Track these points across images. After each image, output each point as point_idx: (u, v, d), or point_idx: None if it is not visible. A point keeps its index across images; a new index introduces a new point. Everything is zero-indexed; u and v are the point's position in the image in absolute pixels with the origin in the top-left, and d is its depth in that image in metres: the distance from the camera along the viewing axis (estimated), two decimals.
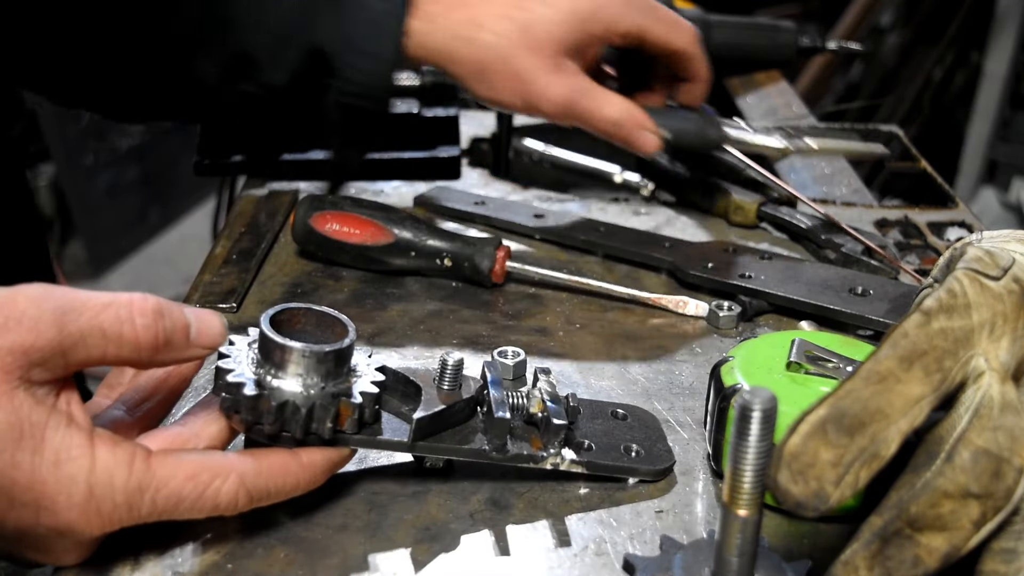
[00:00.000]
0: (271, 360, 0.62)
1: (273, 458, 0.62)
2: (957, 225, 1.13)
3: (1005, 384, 0.57)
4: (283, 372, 0.61)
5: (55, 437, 0.55)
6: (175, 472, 0.58)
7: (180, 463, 0.58)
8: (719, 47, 1.48)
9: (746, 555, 0.56)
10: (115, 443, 0.57)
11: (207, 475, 0.59)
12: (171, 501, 0.58)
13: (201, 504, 0.59)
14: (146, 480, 0.57)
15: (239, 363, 0.62)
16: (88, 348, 0.56)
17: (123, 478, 0.56)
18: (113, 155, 3.34)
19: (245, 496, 0.60)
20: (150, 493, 0.57)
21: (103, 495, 0.56)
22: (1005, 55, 3.30)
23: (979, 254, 0.60)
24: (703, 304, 0.91)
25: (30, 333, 0.55)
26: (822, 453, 0.53)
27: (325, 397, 0.62)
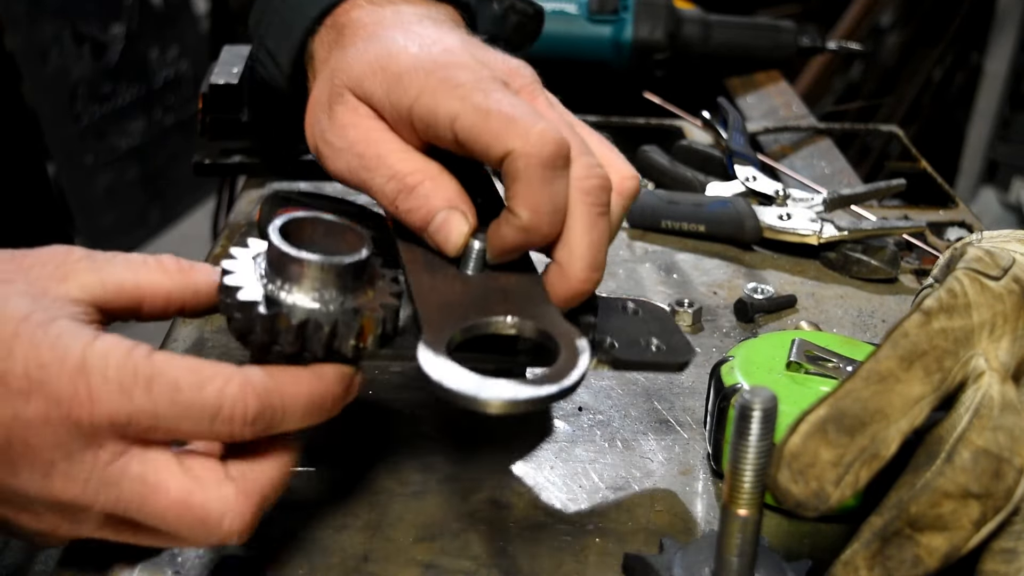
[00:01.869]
0: (284, 275, 0.56)
1: (281, 367, 0.57)
2: (957, 225, 1.13)
3: (1005, 384, 0.57)
4: (297, 287, 0.56)
5: (63, 325, 0.54)
6: (174, 363, 0.54)
7: (182, 359, 0.55)
8: (719, 47, 1.48)
9: (746, 555, 0.56)
10: (120, 337, 0.55)
11: (209, 370, 0.54)
12: (166, 390, 0.53)
13: (202, 401, 0.53)
14: (143, 365, 0.53)
15: (246, 279, 0.57)
16: (118, 271, 0.58)
17: (119, 357, 0.53)
18: (113, 155, 3.34)
19: (254, 401, 0.55)
20: (144, 379, 0.53)
21: (94, 368, 0.52)
22: (1005, 55, 3.30)
23: (979, 254, 0.60)
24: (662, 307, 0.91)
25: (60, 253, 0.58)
26: (822, 453, 0.53)
27: (347, 313, 0.57)
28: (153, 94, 3.51)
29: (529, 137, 0.60)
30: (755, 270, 1.01)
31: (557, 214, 0.62)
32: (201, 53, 3.55)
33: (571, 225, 0.63)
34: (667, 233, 1.06)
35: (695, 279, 0.99)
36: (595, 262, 0.64)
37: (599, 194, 0.63)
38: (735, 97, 1.52)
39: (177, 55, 3.60)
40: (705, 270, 1.00)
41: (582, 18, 1.44)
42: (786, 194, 1.05)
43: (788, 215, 1.02)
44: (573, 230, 0.63)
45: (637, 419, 0.77)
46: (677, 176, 1.13)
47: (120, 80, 3.34)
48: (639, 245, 1.05)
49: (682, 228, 1.05)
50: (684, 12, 1.47)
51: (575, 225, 0.63)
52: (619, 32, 1.44)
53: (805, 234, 1.01)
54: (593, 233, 0.63)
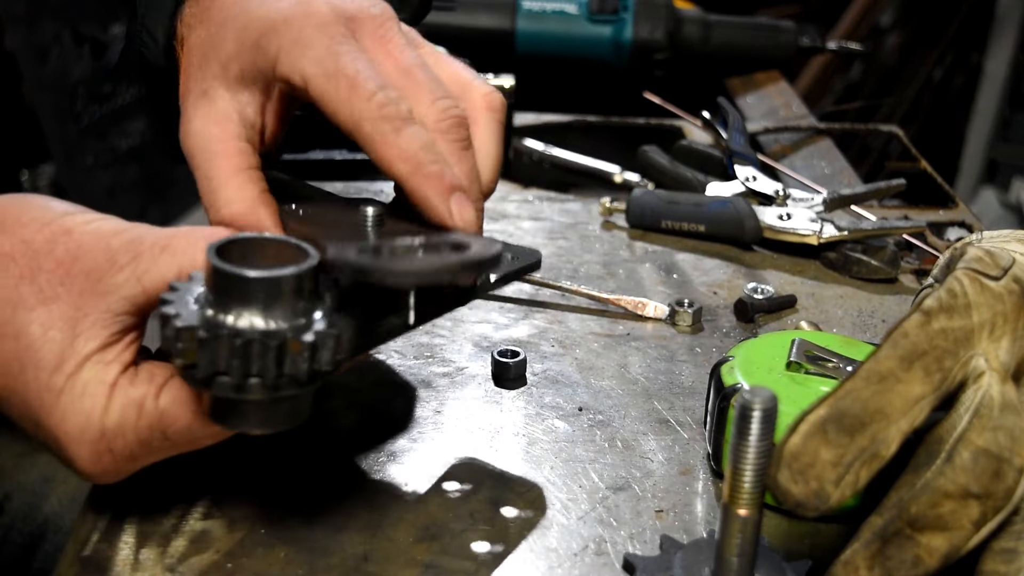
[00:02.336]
0: (225, 297, 0.53)
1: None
2: (957, 225, 1.13)
3: (1005, 384, 0.57)
4: (241, 308, 0.53)
5: (90, 372, 0.58)
6: (183, 411, 0.59)
7: (190, 401, 0.59)
8: (719, 47, 1.48)
9: (746, 555, 0.56)
10: (133, 383, 0.59)
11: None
12: (182, 435, 0.60)
13: (215, 439, 0.61)
14: (156, 423, 0.59)
15: (185, 307, 0.54)
16: (162, 271, 0.59)
17: (132, 420, 0.59)
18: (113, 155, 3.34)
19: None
20: (160, 433, 0.59)
21: (115, 434, 0.59)
22: (1005, 55, 3.30)
23: (979, 254, 0.60)
24: (662, 307, 0.91)
25: (105, 260, 0.59)
26: (822, 453, 0.53)
27: (296, 330, 0.54)
28: None
29: (371, 103, 0.63)
30: (755, 270, 1.01)
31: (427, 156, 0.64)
32: None
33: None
34: (667, 233, 1.06)
35: (695, 279, 0.99)
36: (469, 192, 0.66)
37: (457, 131, 0.66)
38: (735, 97, 1.52)
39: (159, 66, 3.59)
40: (705, 270, 1.00)
41: (582, 18, 1.44)
42: (786, 194, 1.05)
43: (788, 215, 1.02)
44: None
45: (637, 419, 0.77)
46: (677, 176, 1.13)
47: (120, 80, 3.34)
48: (639, 245, 1.05)
49: (682, 228, 1.05)
50: (684, 12, 1.47)
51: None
52: (619, 32, 1.44)
53: (805, 234, 1.01)
54: (460, 167, 0.66)
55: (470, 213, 0.65)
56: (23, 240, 0.60)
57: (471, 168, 0.67)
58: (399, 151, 0.63)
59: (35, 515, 0.96)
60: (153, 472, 0.69)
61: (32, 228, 0.60)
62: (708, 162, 1.16)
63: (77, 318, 0.59)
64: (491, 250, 0.59)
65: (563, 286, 0.93)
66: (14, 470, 0.98)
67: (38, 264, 0.59)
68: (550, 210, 1.12)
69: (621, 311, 0.92)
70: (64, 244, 0.60)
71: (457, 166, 0.65)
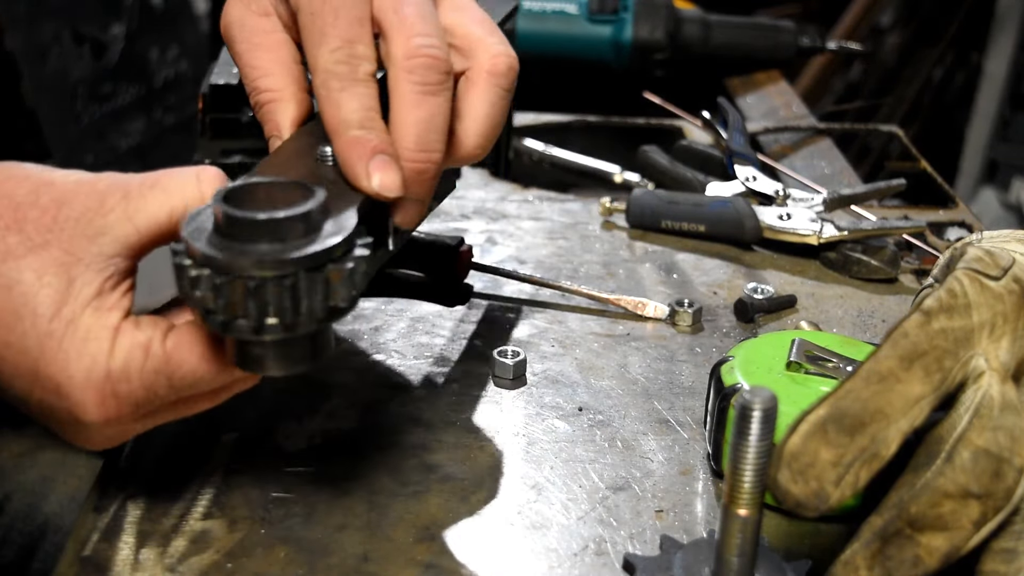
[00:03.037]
0: (235, 241, 0.53)
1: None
2: (957, 225, 1.13)
3: (1005, 384, 0.57)
4: (253, 250, 0.53)
5: (91, 317, 0.57)
6: (190, 354, 0.58)
7: (194, 346, 0.58)
8: (719, 47, 1.48)
9: (746, 555, 0.56)
10: (137, 327, 0.58)
11: (221, 355, 0.59)
12: (187, 380, 0.59)
13: (217, 381, 0.60)
14: (162, 366, 0.58)
15: (197, 253, 0.54)
16: (153, 209, 0.58)
17: (138, 364, 0.58)
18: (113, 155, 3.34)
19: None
20: (166, 378, 0.58)
21: (120, 377, 0.58)
22: (1005, 55, 3.30)
23: (979, 254, 0.60)
24: (662, 307, 0.91)
25: (94, 202, 0.58)
26: (822, 453, 0.53)
27: (307, 269, 0.53)
28: (153, 94, 3.51)
29: (331, 54, 0.61)
30: (755, 270, 1.01)
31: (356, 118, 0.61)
32: (201, 53, 3.55)
33: (393, 106, 0.62)
34: (667, 233, 1.06)
35: (695, 279, 0.99)
36: (420, 141, 0.62)
37: (424, 72, 0.61)
38: (735, 97, 1.52)
39: (177, 55, 3.59)
40: (705, 270, 1.00)
41: (582, 18, 1.44)
42: (786, 194, 1.05)
43: (788, 215, 1.02)
44: (394, 110, 0.62)
45: (637, 419, 0.77)
46: (677, 176, 1.13)
47: (120, 80, 3.34)
48: (639, 245, 1.05)
49: (682, 228, 1.05)
50: (684, 12, 1.47)
51: (395, 105, 0.62)
52: (619, 32, 1.44)
53: (805, 234, 1.01)
54: (417, 111, 0.61)
55: (391, 178, 0.60)
56: (4, 194, 0.59)
57: (424, 119, 0.61)
58: (333, 111, 0.61)
59: (35, 515, 0.96)
60: (154, 472, 0.69)
61: (12, 183, 0.59)
62: (708, 162, 1.16)
63: (70, 263, 0.58)
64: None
65: (563, 286, 0.93)
66: (13, 470, 0.97)
67: (23, 214, 0.58)
68: (550, 210, 1.12)
69: (621, 311, 0.92)
70: (48, 193, 0.59)
71: (409, 113, 0.61)
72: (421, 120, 0.61)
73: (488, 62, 0.65)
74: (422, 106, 0.61)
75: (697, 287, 0.97)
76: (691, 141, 1.22)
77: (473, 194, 1.15)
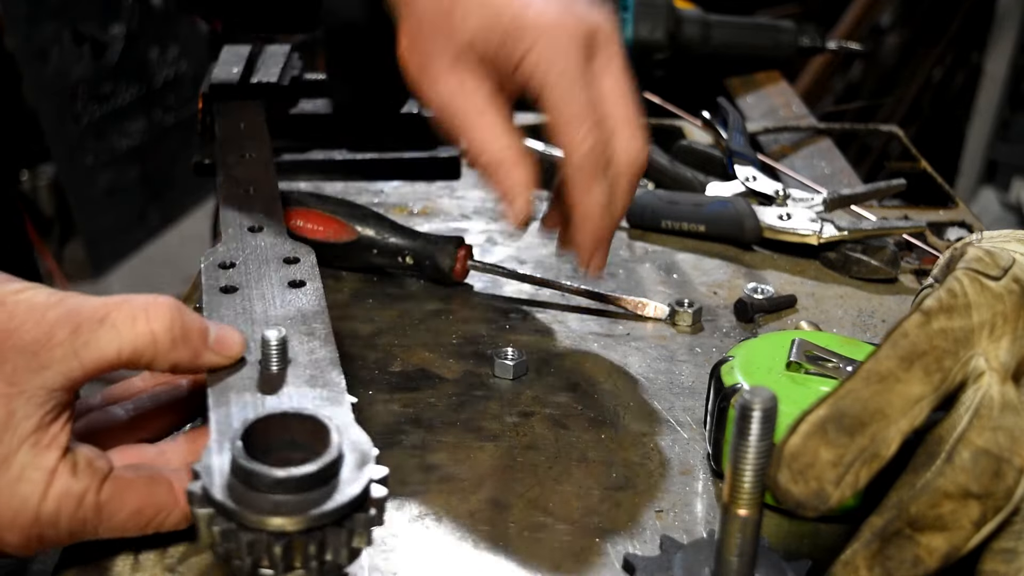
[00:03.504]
0: (258, 491, 0.53)
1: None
2: (957, 225, 1.13)
3: (1005, 384, 0.57)
4: (272, 504, 0.53)
5: (26, 455, 0.56)
6: (121, 508, 0.58)
7: (127, 500, 0.58)
8: (719, 47, 1.48)
9: (746, 555, 0.56)
10: (74, 474, 0.57)
11: (151, 510, 0.59)
12: (114, 532, 0.59)
13: (141, 532, 0.60)
14: (91, 517, 0.58)
15: (214, 488, 0.53)
16: (101, 346, 0.57)
17: (69, 513, 0.57)
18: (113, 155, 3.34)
19: (185, 524, 0.60)
20: (92, 526, 0.58)
21: (48, 523, 0.57)
22: (1005, 55, 3.30)
23: (979, 254, 0.60)
24: (662, 307, 0.91)
25: (42, 333, 0.56)
26: (822, 453, 0.53)
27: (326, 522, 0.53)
28: (153, 94, 3.51)
29: (581, 145, 0.74)
30: (755, 270, 1.01)
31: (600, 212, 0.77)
32: (201, 53, 3.55)
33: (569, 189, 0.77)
34: (667, 233, 1.06)
35: (695, 279, 0.99)
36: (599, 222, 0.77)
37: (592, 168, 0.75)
38: (735, 97, 1.52)
39: (177, 55, 3.60)
40: (705, 270, 1.00)
41: None
42: (786, 194, 1.05)
43: (788, 215, 1.02)
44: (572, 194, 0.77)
45: (637, 419, 0.77)
46: (677, 176, 1.13)
47: (120, 80, 3.34)
48: (639, 245, 1.05)
49: (682, 228, 1.05)
50: (684, 12, 1.47)
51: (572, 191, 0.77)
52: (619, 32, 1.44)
53: (805, 234, 1.01)
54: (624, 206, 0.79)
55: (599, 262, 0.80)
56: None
57: (622, 209, 0.78)
58: (584, 202, 0.75)
59: None
60: None
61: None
62: (708, 162, 1.16)
63: (12, 395, 0.55)
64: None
65: (563, 285, 0.93)
66: None
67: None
68: None
69: (621, 311, 0.92)
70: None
71: (623, 205, 0.77)
72: (618, 213, 0.77)
73: (626, 161, 0.76)
74: (592, 191, 0.75)
75: (697, 287, 0.97)
76: (691, 141, 1.22)
77: (473, 194, 1.15)
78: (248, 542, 0.52)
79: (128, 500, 0.59)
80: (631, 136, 0.76)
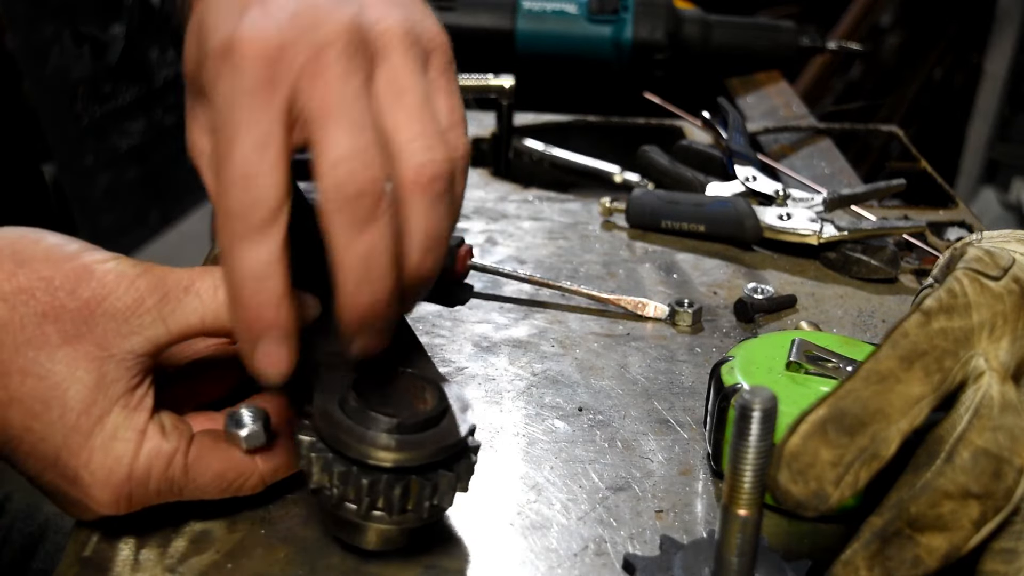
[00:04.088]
0: (365, 429, 0.56)
1: (292, 457, 0.63)
2: (957, 225, 1.13)
3: (1005, 384, 0.57)
4: (376, 446, 0.56)
5: (119, 416, 0.59)
6: (206, 470, 0.61)
7: (211, 463, 0.61)
8: (719, 47, 1.48)
9: (746, 555, 0.56)
10: (164, 435, 0.60)
11: (232, 474, 0.62)
12: (196, 494, 0.62)
13: (221, 496, 0.63)
14: (179, 477, 0.61)
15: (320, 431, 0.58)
16: (187, 313, 0.60)
17: (160, 472, 0.60)
18: (113, 155, 3.34)
19: (261, 487, 0.64)
20: (179, 487, 0.61)
21: (139, 482, 0.59)
22: (1005, 55, 3.30)
23: (979, 254, 0.60)
24: (662, 307, 0.91)
25: (132, 300, 0.59)
26: (822, 453, 0.53)
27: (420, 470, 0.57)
28: (153, 94, 3.51)
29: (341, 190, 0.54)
30: (755, 270, 1.01)
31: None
32: None
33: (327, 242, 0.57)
34: (667, 233, 1.06)
35: (695, 279, 0.99)
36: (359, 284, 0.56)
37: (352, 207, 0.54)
38: (735, 97, 1.52)
39: (177, 55, 3.60)
40: (705, 270, 1.00)
41: (582, 18, 1.44)
42: (786, 194, 1.05)
43: (788, 215, 1.02)
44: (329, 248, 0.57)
45: (637, 419, 0.77)
46: (677, 176, 1.13)
47: (120, 80, 3.34)
48: (639, 245, 1.05)
49: (682, 228, 1.05)
50: (684, 12, 1.47)
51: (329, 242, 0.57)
52: (619, 32, 1.44)
53: (805, 234, 1.01)
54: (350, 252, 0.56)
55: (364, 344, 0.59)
56: (42, 277, 0.59)
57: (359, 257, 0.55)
58: (343, 259, 0.55)
59: (35, 515, 0.96)
60: None
61: (50, 265, 0.59)
62: (708, 162, 1.16)
63: (103, 358, 0.58)
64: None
65: (563, 286, 0.93)
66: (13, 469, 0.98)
67: (60, 303, 0.58)
68: (550, 210, 1.12)
69: (621, 311, 0.92)
70: (86, 285, 0.59)
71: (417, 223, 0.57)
72: (357, 260, 0.54)
73: (412, 172, 0.56)
74: (353, 245, 0.54)
75: (697, 287, 0.97)
76: (691, 141, 1.22)
77: (473, 194, 1.15)
78: (368, 483, 0.56)
79: (212, 463, 0.61)
80: (411, 140, 0.56)
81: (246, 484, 0.63)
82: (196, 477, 0.61)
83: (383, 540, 0.60)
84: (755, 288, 0.94)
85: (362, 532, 0.60)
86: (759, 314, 0.92)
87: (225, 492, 0.63)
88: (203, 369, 0.68)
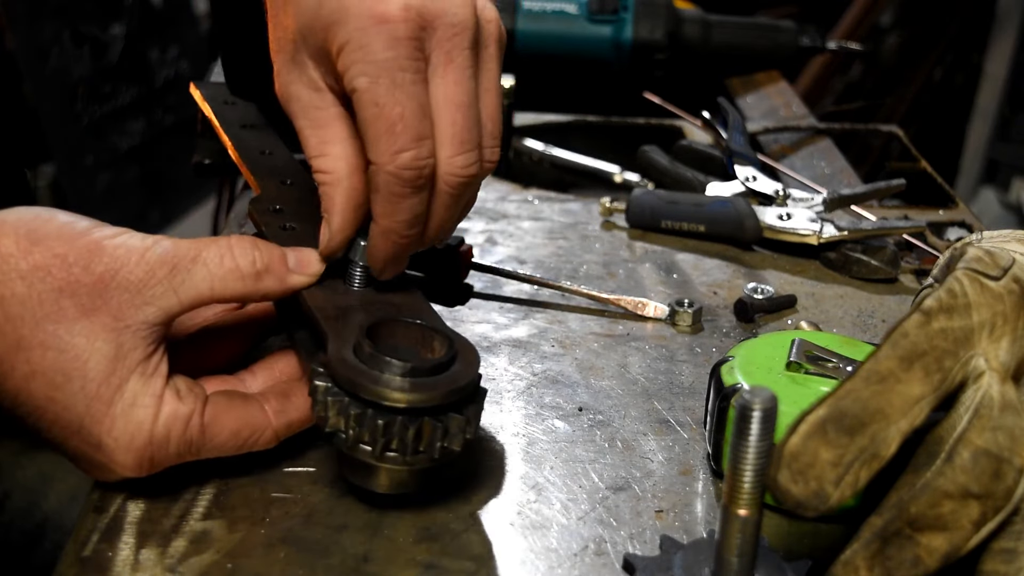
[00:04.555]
0: (378, 372, 0.60)
1: (304, 411, 0.67)
2: (957, 225, 1.13)
3: (1005, 384, 0.57)
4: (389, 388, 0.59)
5: (137, 383, 0.62)
6: (222, 429, 0.64)
7: (226, 422, 0.65)
8: (719, 47, 1.48)
9: (746, 555, 0.56)
10: (180, 399, 0.63)
11: (247, 431, 0.65)
12: (213, 452, 0.65)
13: (238, 452, 0.66)
14: (197, 438, 0.64)
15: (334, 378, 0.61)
16: (196, 283, 0.63)
17: (178, 434, 0.63)
18: (113, 155, 3.34)
19: (275, 442, 0.67)
20: (197, 446, 0.64)
21: (160, 444, 0.63)
22: (1005, 55, 3.30)
23: (979, 254, 0.60)
24: (662, 307, 0.91)
25: (143, 272, 0.62)
26: (822, 453, 0.53)
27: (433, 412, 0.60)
28: (153, 94, 3.51)
29: (394, 159, 0.62)
30: (755, 270, 1.01)
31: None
32: (201, 53, 3.55)
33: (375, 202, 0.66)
34: (667, 233, 1.06)
35: (695, 279, 0.99)
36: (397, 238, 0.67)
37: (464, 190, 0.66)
38: (735, 97, 1.52)
39: (177, 55, 3.59)
40: (705, 270, 1.00)
41: (582, 18, 1.44)
42: (786, 194, 1.05)
43: (788, 215, 1.02)
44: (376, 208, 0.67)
45: (637, 419, 0.77)
46: (677, 176, 1.13)
47: (120, 80, 3.34)
48: (639, 245, 1.05)
49: (682, 228, 1.05)
50: (684, 12, 1.47)
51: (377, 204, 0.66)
52: (619, 32, 1.44)
53: (805, 234, 1.01)
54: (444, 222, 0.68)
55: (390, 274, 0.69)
56: (56, 254, 0.61)
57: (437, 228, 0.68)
58: (384, 223, 0.65)
59: (34, 513, 0.96)
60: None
61: (63, 242, 0.62)
62: (708, 162, 1.16)
63: (119, 329, 0.61)
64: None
65: (563, 286, 0.93)
66: (12, 467, 0.98)
67: (76, 278, 0.61)
68: (550, 210, 1.12)
69: (621, 311, 0.92)
70: (99, 260, 0.62)
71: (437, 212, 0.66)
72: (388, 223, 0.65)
73: (449, 177, 0.65)
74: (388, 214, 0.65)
75: (697, 287, 0.97)
76: (691, 141, 1.22)
77: None
78: (383, 424, 0.59)
79: (227, 421, 0.65)
80: (454, 153, 0.64)
81: (260, 439, 0.66)
82: (213, 436, 0.64)
83: (394, 483, 0.63)
84: (755, 288, 0.94)
85: (375, 474, 0.62)
86: (759, 314, 0.92)
87: (241, 448, 0.65)
88: (212, 335, 0.71)
